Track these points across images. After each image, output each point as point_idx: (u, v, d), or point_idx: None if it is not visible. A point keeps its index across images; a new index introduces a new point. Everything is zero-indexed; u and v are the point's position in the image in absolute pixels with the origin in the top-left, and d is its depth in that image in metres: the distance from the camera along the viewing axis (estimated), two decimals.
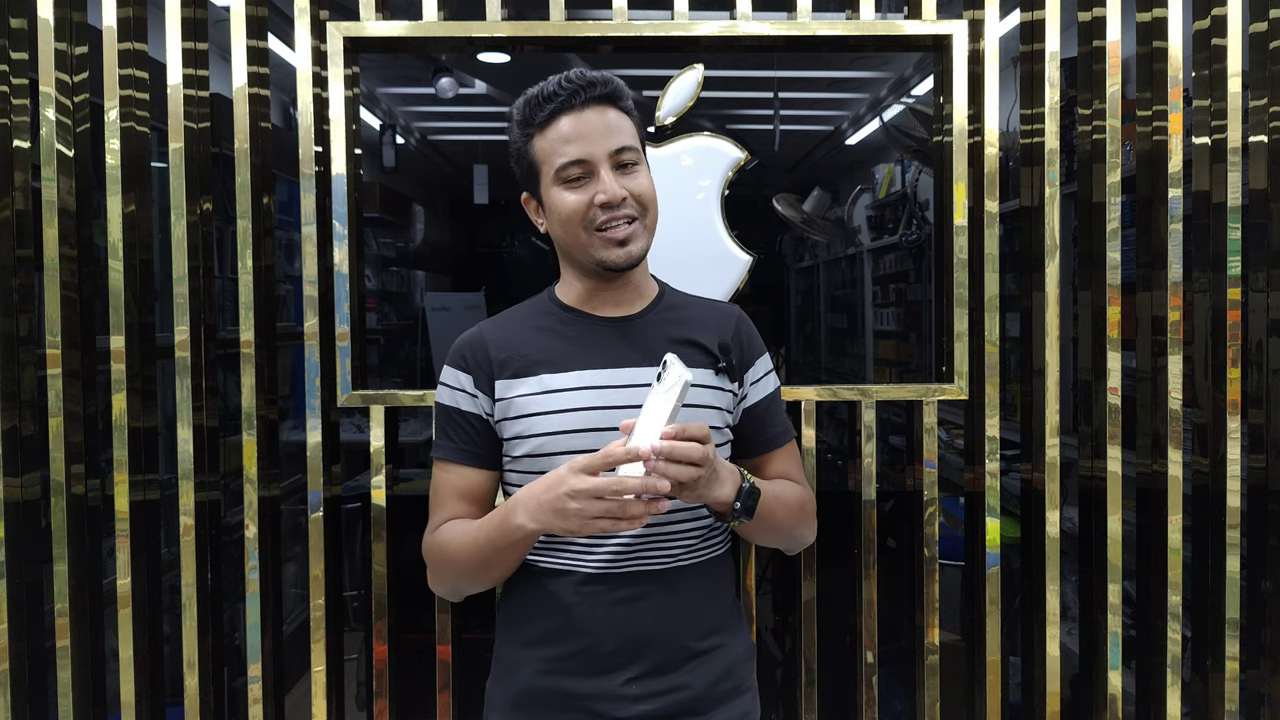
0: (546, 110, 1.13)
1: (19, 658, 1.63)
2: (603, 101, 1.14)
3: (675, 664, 1.16)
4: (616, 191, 1.12)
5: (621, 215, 1.14)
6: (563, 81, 1.13)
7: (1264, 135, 1.67)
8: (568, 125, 1.13)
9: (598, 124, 1.13)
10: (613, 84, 1.15)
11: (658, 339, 1.19)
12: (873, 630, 1.67)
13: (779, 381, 1.31)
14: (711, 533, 1.22)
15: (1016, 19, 1.71)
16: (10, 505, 1.61)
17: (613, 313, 1.22)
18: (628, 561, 1.16)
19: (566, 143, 1.13)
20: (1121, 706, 1.67)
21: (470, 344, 1.22)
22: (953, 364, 1.65)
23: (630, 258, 1.15)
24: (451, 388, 1.21)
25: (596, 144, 1.13)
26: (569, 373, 1.16)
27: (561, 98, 1.13)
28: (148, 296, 1.66)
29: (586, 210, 1.13)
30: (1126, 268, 1.70)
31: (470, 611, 1.70)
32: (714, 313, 1.27)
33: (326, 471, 1.63)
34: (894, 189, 1.85)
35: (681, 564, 1.18)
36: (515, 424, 1.17)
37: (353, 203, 1.64)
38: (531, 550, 1.19)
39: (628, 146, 1.14)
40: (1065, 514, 1.68)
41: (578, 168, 1.13)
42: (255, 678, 1.63)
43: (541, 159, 1.15)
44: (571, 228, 1.15)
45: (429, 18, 1.62)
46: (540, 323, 1.23)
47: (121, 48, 1.60)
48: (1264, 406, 1.69)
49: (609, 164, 1.13)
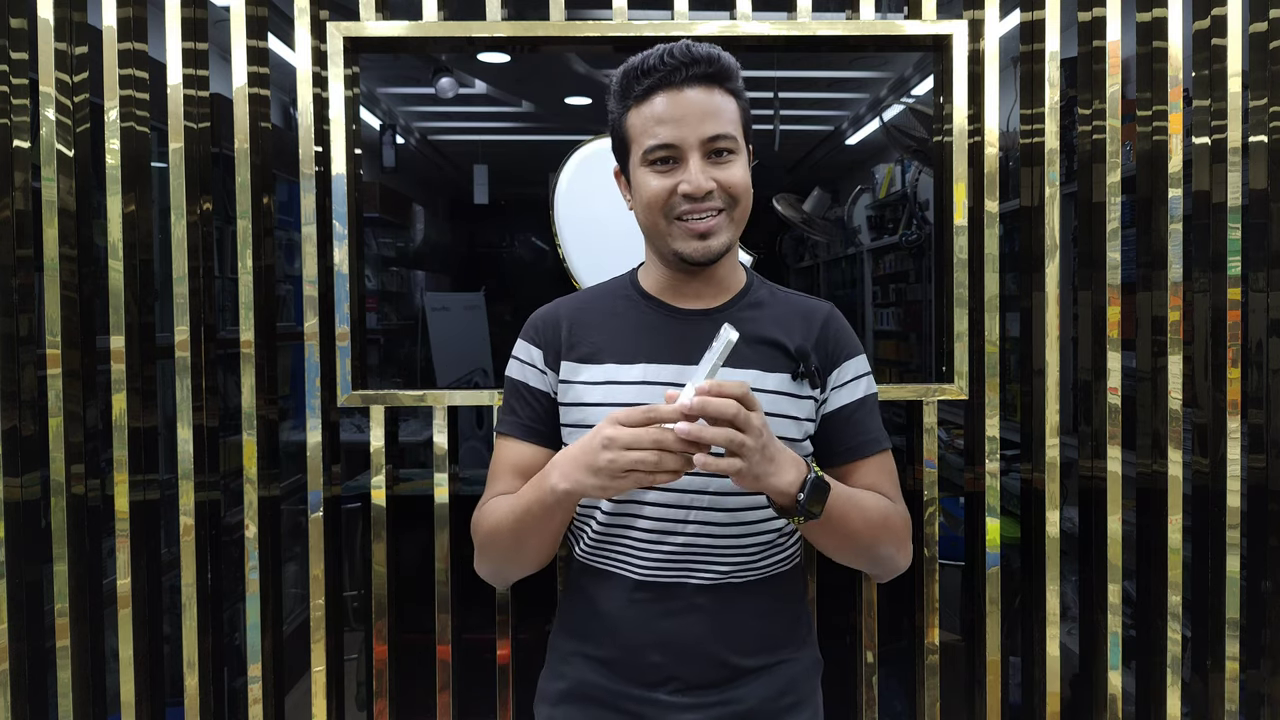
0: (644, 85, 1.06)
1: (19, 658, 1.63)
2: (706, 81, 1.06)
3: (723, 680, 1.12)
4: (701, 183, 1.05)
5: (706, 207, 1.07)
6: (665, 56, 1.05)
7: (1264, 135, 1.67)
8: (662, 104, 1.05)
9: (695, 106, 1.05)
10: (720, 62, 1.07)
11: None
12: (873, 630, 1.67)
13: (874, 389, 1.22)
14: (773, 548, 1.16)
15: (1016, 19, 1.71)
16: (10, 505, 1.61)
17: (691, 305, 1.16)
18: (677, 572, 1.11)
19: (659, 123, 1.05)
20: (1121, 706, 1.67)
21: (545, 318, 1.18)
22: (953, 364, 1.65)
23: (708, 253, 1.09)
24: (522, 361, 1.17)
25: (690, 128, 1.05)
26: (635, 365, 1.12)
27: (661, 73, 1.05)
28: (148, 296, 1.66)
29: (669, 197, 1.07)
30: (1126, 268, 1.70)
31: (470, 611, 1.70)
32: (800, 311, 1.19)
33: (326, 471, 1.63)
34: (894, 189, 1.85)
35: (735, 581, 1.13)
36: (573, 410, 1.13)
37: (353, 203, 1.64)
38: (586, 546, 1.17)
39: (723, 134, 1.06)
40: (1065, 514, 1.68)
41: (665, 151, 1.06)
42: (255, 678, 1.63)
43: (632, 136, 1.09)
44: (652, 214, 1.09)
45: (429, 18, 1.62)
46: (616, 307, 1.17)
47: (121, 48, 1.60)
48: (1264, 406, 1.69)
49: (700, 151, 1.06)
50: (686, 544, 1.11)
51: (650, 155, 1.07)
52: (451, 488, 1.64)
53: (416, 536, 1.70)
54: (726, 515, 1.11)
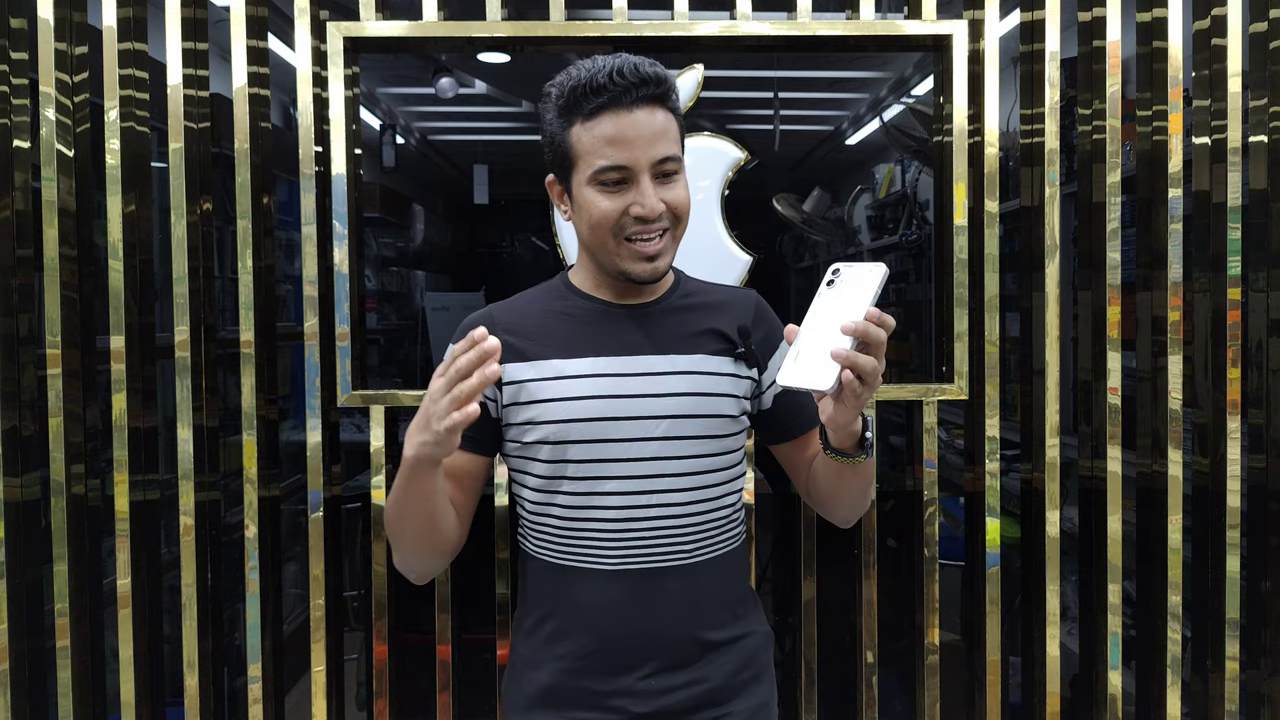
0: (593, 103, 1.06)
1: (19, 658, 1.63)
2: (654, 102, 1.08)
3: (693, 658, 1.15)
4: (655, 206, 1.07)
5: (655, 228, 1.09)
6: (614, 75, 1.05)
7: (1264, 135, 1.67)
8: (613, 125, 1.06)
9: (645, 128, 1.07)
10: (666, 83, 1.08)
11: (673, 327, 1.17)
12: (873, 630, 1.67)
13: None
14: (729, 523, 1.21)
15: (1016, 19, 1.71)
16: (10, 505, 1.61)
17: (628, 300, 1.19)
18: (646, 558, 1.14)
19: (610, 144, 1.06)
20: (1121, 706, 1.67)
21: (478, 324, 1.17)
22: (953, 364, 1.65)
23: (655, 273, 1.12)
24: None
25: (641, 151, 1.06)
26: (581, 359, 1.14)
27: (612, 93, 1.06)
28: (148, 296, 1.66)
29: (619, 218, 1.08)
30: (1126, 268, 1.70)
31: (470, 611, 1.70)
32: (730, 299, 1.24)
33: (326, 471, 1.63)
34: (894, 189, 1.85)
35: (698, 559, 1.17)
36: (526, 409, 1.14)
37: (353, 203, 1.64)
38: (549, 546, 1.18)
39: (671, 156, 1.09)
40: (1065, 514, 1.68)
41: (618, 173, 1.07)
42: (255, 678, 1.63)
43: (579, 153, 1.09)
44: (600, 233, 1.10)
45: (429, 18, 1.62)
46: (553, 306, 1.19)
47: (121, 48, 1.60)
48: (1264, 406, 1.69)
49: (650, 173, 1.08)
50: (651, 528, 1.14)
51: (601, 175, 1.08)
52: None
53: None
54: (686, 495, 1.15)
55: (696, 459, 1.15)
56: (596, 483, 1.13)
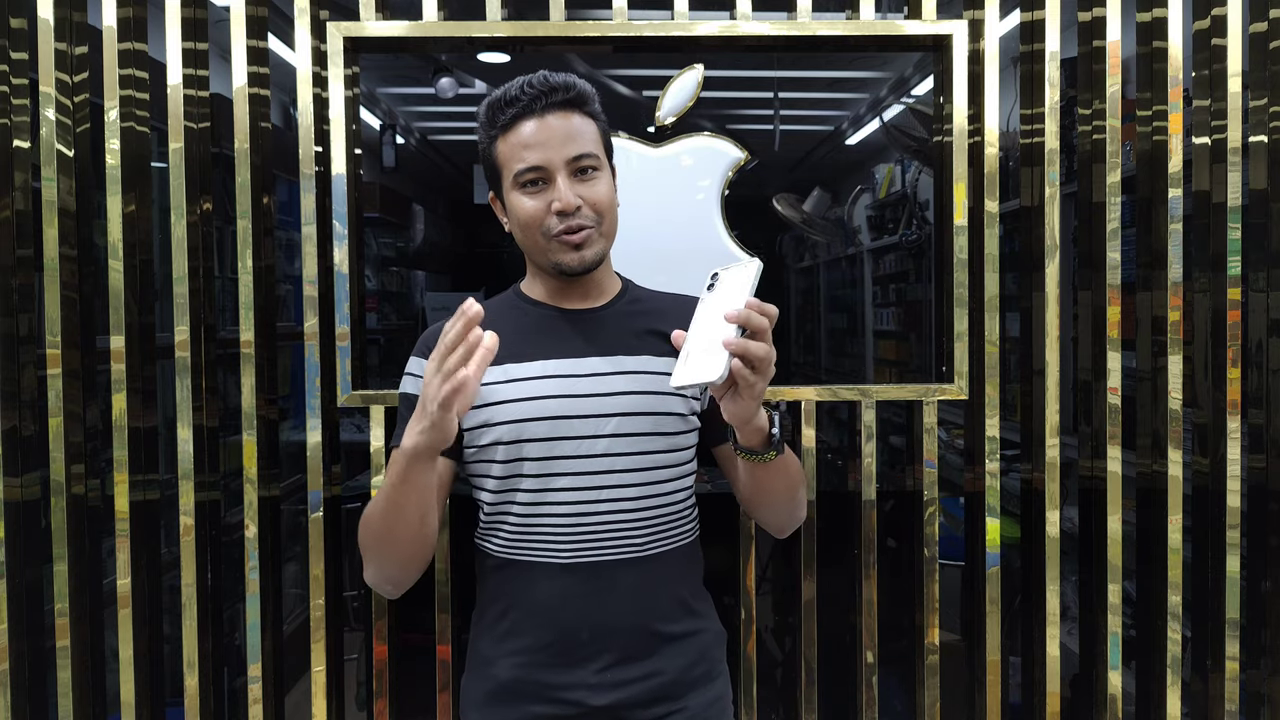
0: (508, 115, 1.15)
1: (19, 658, 1.63)
2: (565, 107, 1.15)
3: (648, 650, 1.18)
4: (570, 200, 1.14)
5: (576, 223, 1.15)
6: (525, 86, 1.14)
7: (1264, 135, 1.67)
8: (528, 131, 1.14)
9: (558, 130, 1.14)
10: (576, 89, 1.16)
11: (620, 330, 1.23)
12: (873, 630, 1.67)
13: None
14: (681, 518, 1.25)
15: (1016, 19, 1.71)
16: (10, 505, 1.61)
17: (576, 306, 1.25)
18: (599, 551, 1.18)
19: (525, 148, 1.14)
20: (1121, 706, 1.67)
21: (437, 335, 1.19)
22: (953, 364, 1.65)
23: (584, 263, 1.18)
24: (417, 376, 1.22)
25: (554, 151, 1.14)
26: (532, 362, 1.19)
27: (523, 102, 1.14)
28: (148, 296, 1.66)
29: (543, 217, 1.15)
30: (1126, 268, 1.70)
31: (470, 612, 1.69)
32: (676, 304, 1.28)
33: (326, 471, 1.63)
34: (894, 189, 1.85)
35: (649, 552, 1.20)
36: (479, 413, 1.18)
37: (353, 203, 1.64)
38: (504, 542, 1.21)
39: (586, 154, 1.15)
40: (1065, 514, 1.68)
41: (535, 173, 1.14)
42: (255, 678, 1.63)
43: (502, 162, 1.17)
44: (529, 232, 1.17)
45: (429, 18, 1.62)
46: (505, 314, 1.25)
47: (121, 48, 1.60)
48: (1264, 406, 1.69)
49: (566, 171, 1.14)
50: (603, 522, 1.18)
51: (521, 178, 1.15)
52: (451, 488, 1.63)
53: None
54: (636, 490, 1.19)
55: (645, 455, 1.19)
56: (550, 479, 1.17)
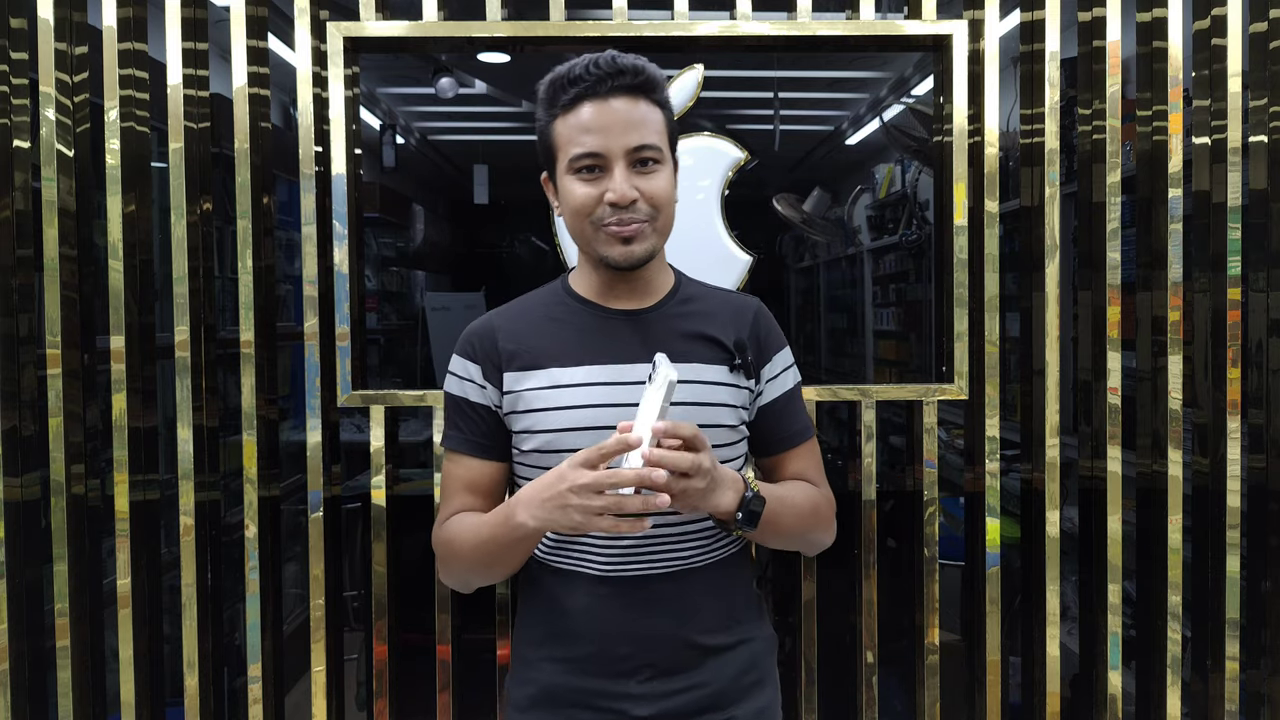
0: (570, 94, 1.08)
1: (19, 658, 1.63)
2: (632, 92, 1.08)
3: (691, 663, 1.15)
4: (626, 192, 1.07)
5: (629, 216, 1.09)
6: (591, 66, 1.07)
7: (1264, 135, 1.67)
8: (589, 114, 1.07)
9: (621, 116, 1.07)
10: (645, 73, 1.08)
11: (670, 334, 1.16)
12: (873, 630, 1.67)
13: (799, 377, 1.26)
14: (723, 533, 1.20)
15: (1016, 19, 1.71)
16: (10, 505, 1.61)
17: (625, 305, 1.18)
18: (637, 564, 1.14)
19: (585, 132, 1.07)
20: (1121, 706, 1.67)
21: (479, 333, 1.19)
22: (953, 364, 1.65)
23: (631, 258, 1.11)
24: (460, 377, 1.18)
25: (615, 138, 1.07)
26: (578, 367, 1.14)
27: (587, 83, 1.07)
28: (148, 296, 1.66)
29: (595, 205, 1.09)
30: (1126, 268, 1.70)
31: (470, 611, 1.70)
32: (730, 306, 1.22)
33: (326, 471, 1.63)
34: (894, 189, 1.85)
35: (694, 565, 1.16)
36: (524, 418, 1.15)
37: (353, 203, 1.64)
38: (541, 549, 1.18)
39: (648, 144, 1.08)
40: (1065, 514, 1.68)
41: (591, 159, 1.08)
42: (255, 678, 1.63)
43: (559, 144, 1.11)
44: (579, 220, 1.11)
45: (429, 18, 1.62)
46: (551, 313, 1.19)
47: (121, 48, 1.60)
48: (1264, 406, 1.69)
49: (624, 161, 1.08)
50: (644, 537, 1.14)
51: (576, 163, 1.09)
52: None
53: (416, 536, 1.70)
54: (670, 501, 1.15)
55: None
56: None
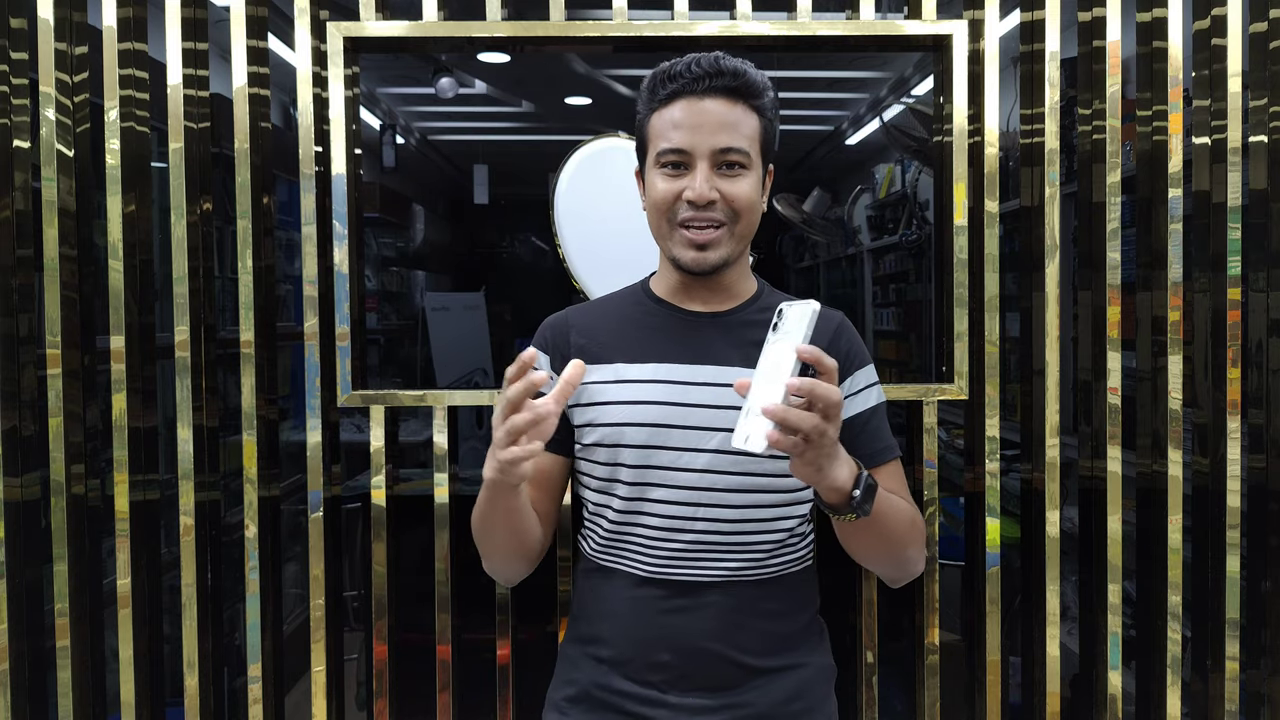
0: (668, 90, 1.08)
1: (19, 658, 1.63)
2: (729, 94, 1.07)
3: (736, 681, 1.12)
4: (704, 192, 1.07)
5: (707, 217, 1.08)
6: (693, 64, 1.07)
7: (1264, 135, 1.67)
8: (681, 110, 1.08)
9: (712, 116, 1.07)
10: (746, 76, 1.08)
11: (741, 339, 1.14)
12: (873, 630, 1.67)
13: (884, 397, 1.23)
14: (783, 548, 1.17)
15: (1016, 19, 1.71)
16: (10, 505, 1.61)
17: (701, 308, 1.17)
18: (684, 568, 1.12)
19: (674, 128, 1.08)
20: (1121, 706, 1.67)
21: (554, 325, 1.20)
22: (953, 364, 1.65)
23: (704, 264, 1.10)
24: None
25: (702, 137, 1.07)
26: (645, 364, 1.13)
27: (685, 80, 1.07)
28: (148, 296, 1.66)
29: (674, 202, 1.09)
30: (1126, 268, 1.70)
31: (470, 612, 1.70)
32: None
33: (326, 471, 1.63)
34: (894, 189, 1.85)
35: (746, 578, 1.13)
36: (586, 411, 1.14)
37: (353, 203, 1.64)
38: (598, 545, 1.18)
39: (735, 148, 1.07)
40: (1065, 514, 1.68)
41: (676, 155, 1.08)
42: (255, 678, 1.63)
43: (651, 138, 1.11)
44: (656, 215, 1.12)
45: (429, 18, 1.62)
46: (626, 311, 1.20)
47: (121, 48, 1.60)
48: (1264, 406, 1.69)
49: (709, 161, 1.07)
50: (695, 541, 1.12)
51: (662, 158, 1.09)
52: (451, 488, 1.63)
53: (416, 536, 1.70)
54: (735, 513, 1.12)
55: (750, 477, 1.11)
56: (645, 489, 1.12)
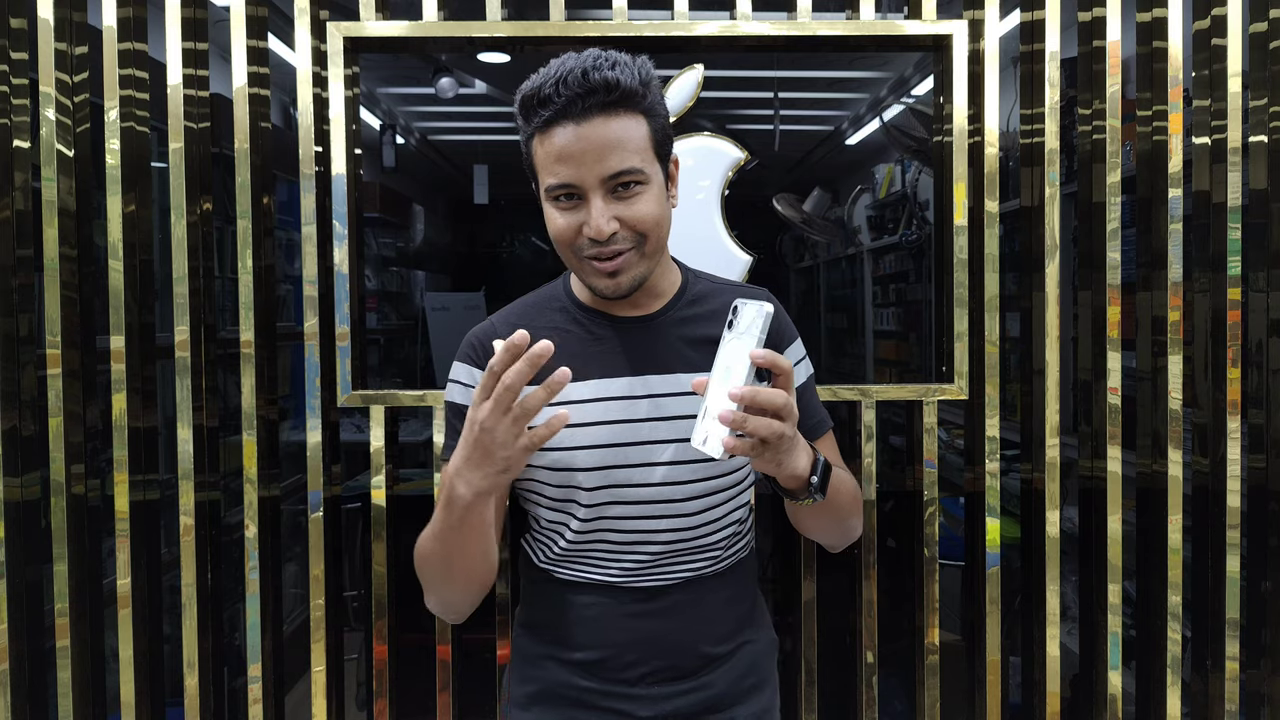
0: (542, 116, 0.99)
1: (19, 658, 1.63)
2: (608, 110, 0.98)
3: (698, 669, 1.14)
4: (603, 227, 0.99)
5: (611, 250, 1.02)
6: (560, 85, 0.97)
7: (1264, 135, 1.67)
8: (562, 139, 0.98)
9: (595, 142, 0.98)
10: (621, 87, 0.97)
11: (676, 341, 1.12)
12: (873, 630, 1.67)
13: (812, 369, 1.23)
14: (737, 538, 1.19)
15: (1016, 19, 1.71)
16: (10, 505, 1.61)
17: (630, 312, 1.13)
18: (652, 574, 1.13)
19: (558, 161, 0.99)
20: (1121, 706, 1.67)
21: (483, 340, 1.14)
22: (953, 364, 1.65)
23: (619, 289, 1.05)
24: (466, 386, 1.12)
25: (588, 167, 0.98)
26: (588, 381, 1.09)
27: (558, 104, 0.97)
28: (148, 296, 1.66)
29: (575, 236, 1.02)
30: (1126, 268, 1.70)
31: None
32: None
33: (326, 471, 1.63)
34: (894, 189, 1.85)
35: (707, 573, 1.15)
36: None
37: (353, 203, 1.64)
38: (556, 556, 1.16)
39: (627, 169, 0.99)
40: (1065, 514, 1.68)
41: (566, 189, 1.00)
42: (255, 678, 1.63)
43: (537, 166, 1.04)
44: (561, 249, 1.06)
45: (429, 18, 1.62)
46: (556, 321, 1.14)
47: (121, 48, 1.60)
48: (1264, 406, 1.69)
49: (602, 190, 0.99)
50: (658, 550, 1.12)
51: (553, 193, 1.02)
52: None
53: (417, 536, 1.70)
54: (695, 518, 1.13)
55: (706, 481, 1.11)
56: (604, 507, 1.11)
